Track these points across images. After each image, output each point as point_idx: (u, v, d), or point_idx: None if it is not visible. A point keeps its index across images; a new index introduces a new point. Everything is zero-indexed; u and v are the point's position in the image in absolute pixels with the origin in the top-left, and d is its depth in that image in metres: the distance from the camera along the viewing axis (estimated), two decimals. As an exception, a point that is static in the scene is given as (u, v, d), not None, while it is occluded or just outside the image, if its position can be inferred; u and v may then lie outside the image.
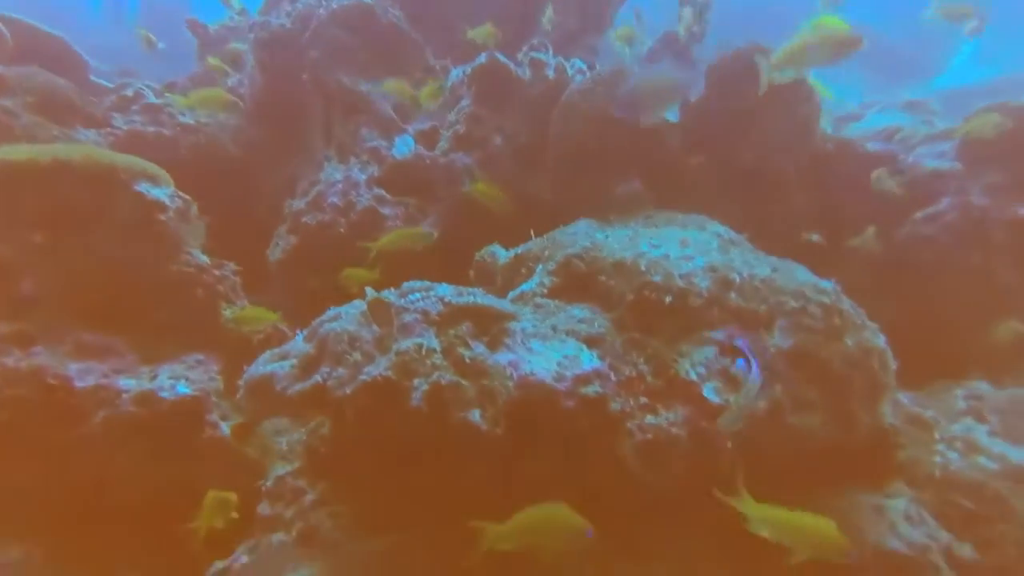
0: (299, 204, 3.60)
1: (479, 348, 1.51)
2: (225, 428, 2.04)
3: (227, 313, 2.64)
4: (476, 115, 3.77)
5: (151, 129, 4.06)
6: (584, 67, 3.64)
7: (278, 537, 1.70)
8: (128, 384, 2.23)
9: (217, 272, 2.74)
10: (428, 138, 4.01)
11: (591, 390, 1.55)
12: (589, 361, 1.63)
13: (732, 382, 1.83)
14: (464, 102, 3.87)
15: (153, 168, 2.67)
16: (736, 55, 2.97)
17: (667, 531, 1.83)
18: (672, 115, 3.19)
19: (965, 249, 2.99)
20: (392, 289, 1.79)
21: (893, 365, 2.15)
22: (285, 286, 3.60)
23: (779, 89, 2.97)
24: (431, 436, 1.38)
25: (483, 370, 1.44)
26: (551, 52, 3.73)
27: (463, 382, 1.39)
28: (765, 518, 1.62)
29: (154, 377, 2.27)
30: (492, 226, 3.58)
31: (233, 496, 1.62)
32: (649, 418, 1.64)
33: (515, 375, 1.49)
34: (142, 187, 2.54)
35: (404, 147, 3.85)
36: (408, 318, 1.53)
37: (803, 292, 1.96)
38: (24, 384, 2.22)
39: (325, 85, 3.93)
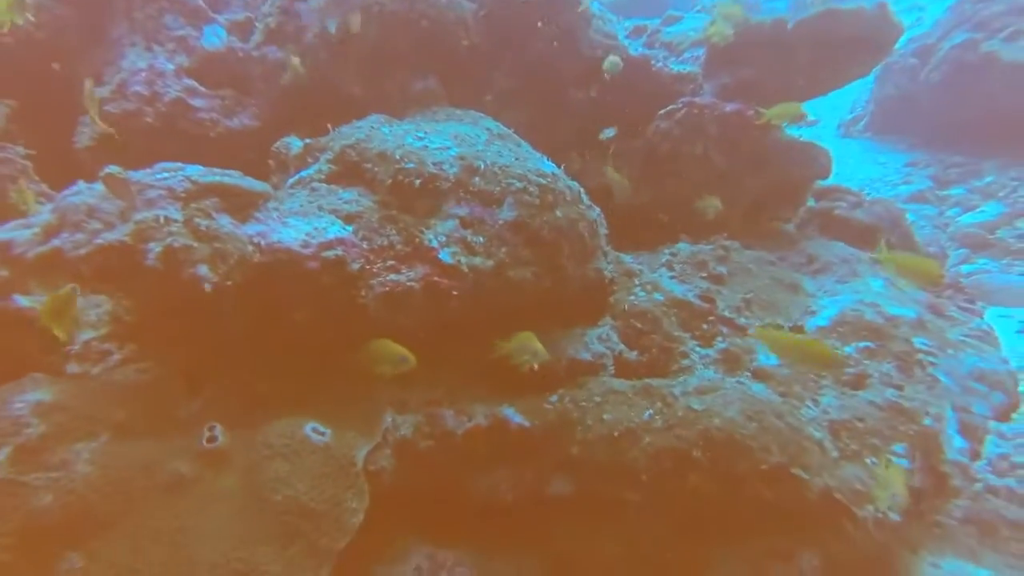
0: (101, 92, 3.39)
1: (223, 220, 1.75)
2: (22, 301, 2.12)
3: (12, 195, 2.58)
4: (287, 8, 3.66)
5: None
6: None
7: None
8: None
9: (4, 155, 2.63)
10: (242, 29, 3.84)
11: (332, 253, 1.88)
12: (335, 231, 1.94)
13: (468, 247, 2.25)
14: (274, -6, 3.71)
15: None
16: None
17: (427, 365, 2.28)
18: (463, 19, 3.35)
19: (691, 141, 3.58)
20: (143, 170, 1.92)
21: (603, 231, 2.70)
22: (94, 173, 3.47)
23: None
24: (168, 292, 1.63)
25: (218, 236, 1.69)
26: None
27: (195, 244, 1.63)
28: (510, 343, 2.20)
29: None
30: (308, 118, 3.64)
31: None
32: (391, 276, 2.02)
33: (263, 243, 1.76)
34: None
35: (215, 38, 3.67)
36: (152, 193, 1.70)
37: (527, 176, 2.37)
38: None
39: (118, -36, 3.56)
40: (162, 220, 1.62)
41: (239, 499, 1.63)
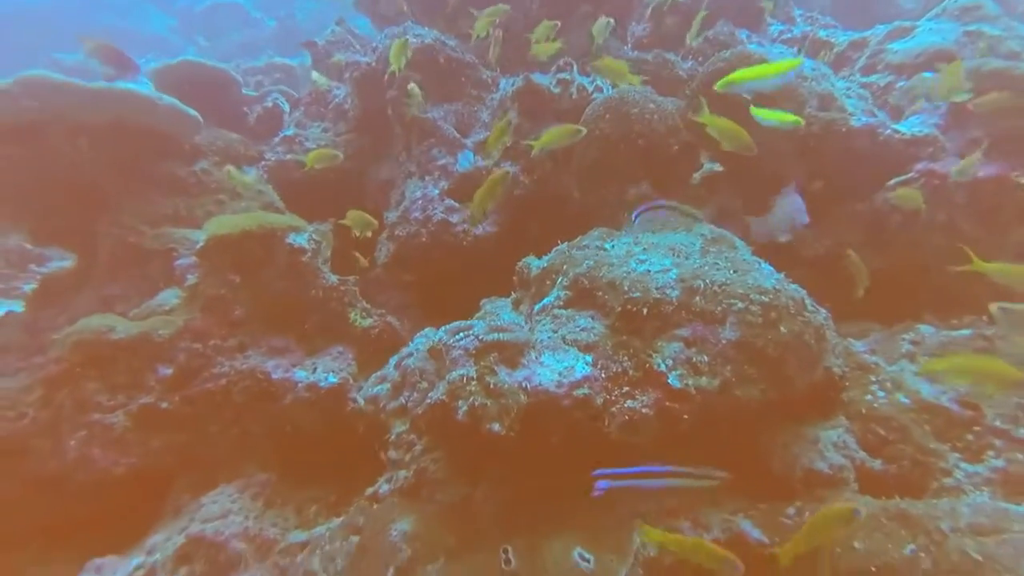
0: (392, 217, 4.21)
1: (502, 372, 2.06)
2: (360, 401, 2.82)
3: (352, 315, 3.39)
4: (519, 127, 4.11)
5: (289, 157, 4.83)
6: (602, 85, 3.82)
7: (401, 473, 2.44)
8: (301, 375, 3.07)
9: (343, 288, 3.45)
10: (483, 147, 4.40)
11: (581, 392, 2.07)
12: (581, 370, 2.13)
13: (694, 367, 2.28)
14: (511, 114, 4.20)
15: (296, 221, 3.36)
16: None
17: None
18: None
19: (930, 210, 3.04)
20: (445, 328, 2.35)
21: (831, 333, 2.46)
22: (389, 279, 4.31)
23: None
24: (474, 441, 1.97)
25: (502, 392, 2.00)
26: (575, 70, 3.92)
27: (488, 402, 1.96)
28: None
29: (314, 370, 3.08)
30: (538, 219, 4.01)
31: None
32: (628, 402, 2.14)
33: (528, 386, 2.04)
34: (290, 238, 3.25)
35: (466, 161, 4.29)
36: (455, 353, 2.11)
37: (748, 295, 2.30)
38: (246, 378, 3.10)
39: (402, 116, 4.39)
40: (464, 379, 2.01)
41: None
